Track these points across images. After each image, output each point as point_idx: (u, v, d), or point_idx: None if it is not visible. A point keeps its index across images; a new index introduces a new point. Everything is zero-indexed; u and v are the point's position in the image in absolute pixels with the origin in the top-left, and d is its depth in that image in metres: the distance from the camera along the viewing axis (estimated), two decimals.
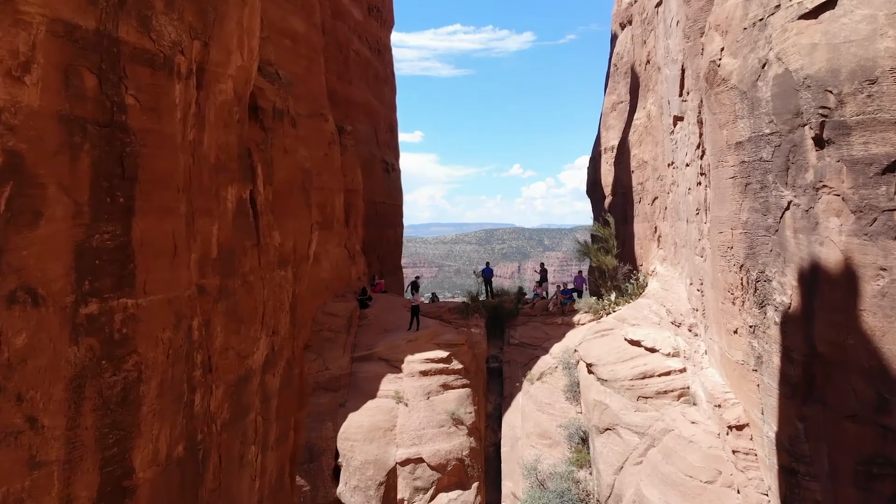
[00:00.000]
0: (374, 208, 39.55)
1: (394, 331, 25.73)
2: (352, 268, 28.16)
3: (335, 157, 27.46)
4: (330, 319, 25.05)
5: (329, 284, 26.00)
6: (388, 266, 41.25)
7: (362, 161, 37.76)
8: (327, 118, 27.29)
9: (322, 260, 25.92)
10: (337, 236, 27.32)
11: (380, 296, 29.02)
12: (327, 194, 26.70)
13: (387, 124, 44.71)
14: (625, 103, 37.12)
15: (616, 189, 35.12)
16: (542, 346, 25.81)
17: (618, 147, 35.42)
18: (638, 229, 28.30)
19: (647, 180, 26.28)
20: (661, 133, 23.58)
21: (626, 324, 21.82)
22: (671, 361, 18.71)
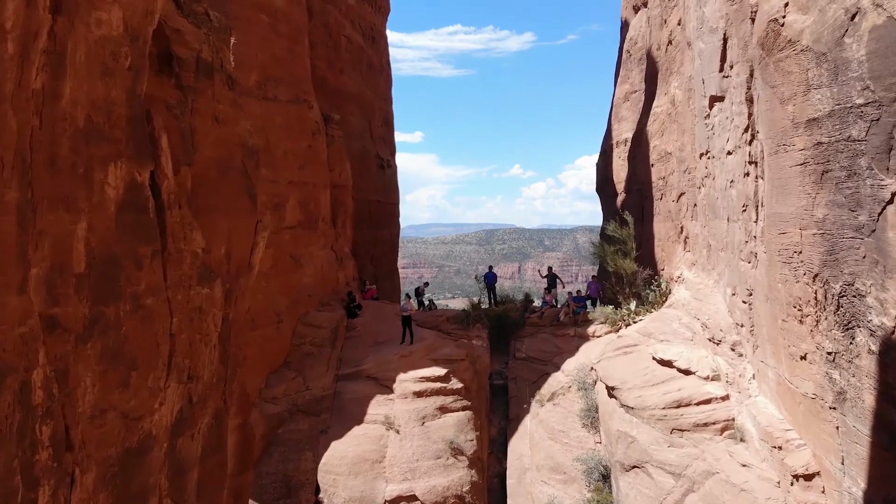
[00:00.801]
0: (368, 207, 36.61)
1: (385, 343, 22.79)
2: (339, 272, 25.25)
3: (320, 148, 24.55)
4: (312, 331, 22.11)
5: (312, 291, 23.08)
6: (382, 270, 38.31)
7: (354, 156, 34.82)
8: (311, 105, 24.39)
9: (304, 264, 23.02)
10: (322, 237, 24.42)
11: (371, 303, 26.08)
12: (311, 190, 23.78)
13: (382, 117, 41.78)
14: (639, 92, 34.17)
15: (630, 185, 32.17)
16: (553, 361, 22.86)
17: (632, 140, 32.47)
18: (659, 229, 25.36)
19: (671, 174, 23.34)
20: (691, 119, 20.64)
21: (653, 339, 18.87)
22: (711, 387, 15.77)
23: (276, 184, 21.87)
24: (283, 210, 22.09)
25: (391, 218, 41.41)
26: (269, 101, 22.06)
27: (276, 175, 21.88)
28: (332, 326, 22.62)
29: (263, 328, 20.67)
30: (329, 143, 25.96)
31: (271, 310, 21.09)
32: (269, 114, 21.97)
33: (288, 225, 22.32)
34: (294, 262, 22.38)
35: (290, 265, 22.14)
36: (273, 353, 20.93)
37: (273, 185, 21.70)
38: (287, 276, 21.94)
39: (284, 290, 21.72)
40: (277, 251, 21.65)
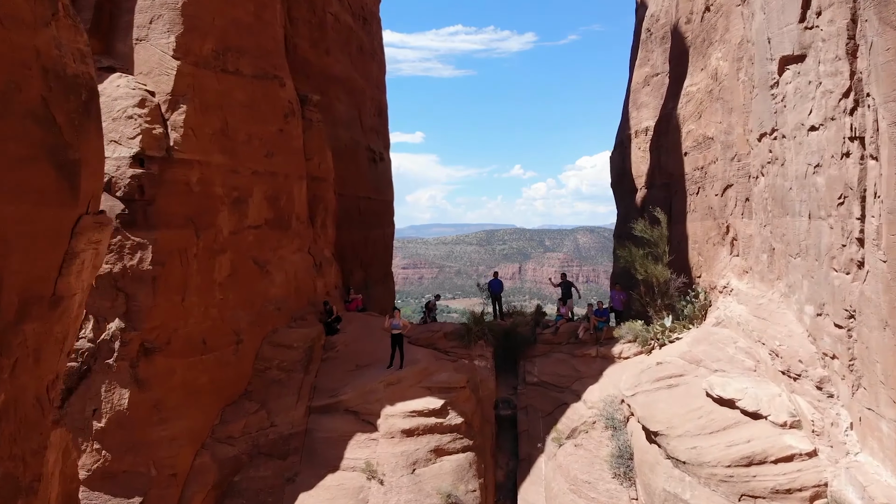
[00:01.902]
0: (357, 204, 32.77)
1: (370, 367, 18.93)
2: (317, 280, 21.40)
3: (294, 133, 20.70)
4: (280, 353, 18.25)
5: (282, 304, 19.23)
6: (374, 274, 34.45)
7: (341, 146, 30.98)
8: (283, 82, 20.53)
9: (272, 271, 19.16)
10: (296, 238, 20.57)
11: (355, 316, 22.24)
12: (282, 182, 19.93)
13: (374, 106, 37.91)
14: (661, 75, 30.32)
15: (653, 179, 28.30)
16: (571, 388, 18.99)
17: (654, 128, 28.61)
18: (694, 229, 21.50)
19: (713, 163, 19.49)
20: (743, 94, 16.80)
21: (703, 368, 15.02)
22: (791, 438, 11.92)
23: (236, 174, 18.03)
24: (245, 206, 18.25)
25: (384, 217, 37.53)
26: (229, 75, 18.22)
27: (236, 163, 18.04)
28: (305, 346, 18.76)
29: (217, 350, 16.85)
30: (306, 127, 22.12)
31: (228, 328, 17.25)
32: (229, 89, 18.13)
33: (251, 224, 18.47)
34: (259, 269, 18.53)
35: (253, 273, 18.29)
36: (230, 382, 17.09)
37: (232, 175, 17.87)
38: (249, 286, 18.10)
39: (245, 303, 17.87)
40: (237, 256, 17.81)
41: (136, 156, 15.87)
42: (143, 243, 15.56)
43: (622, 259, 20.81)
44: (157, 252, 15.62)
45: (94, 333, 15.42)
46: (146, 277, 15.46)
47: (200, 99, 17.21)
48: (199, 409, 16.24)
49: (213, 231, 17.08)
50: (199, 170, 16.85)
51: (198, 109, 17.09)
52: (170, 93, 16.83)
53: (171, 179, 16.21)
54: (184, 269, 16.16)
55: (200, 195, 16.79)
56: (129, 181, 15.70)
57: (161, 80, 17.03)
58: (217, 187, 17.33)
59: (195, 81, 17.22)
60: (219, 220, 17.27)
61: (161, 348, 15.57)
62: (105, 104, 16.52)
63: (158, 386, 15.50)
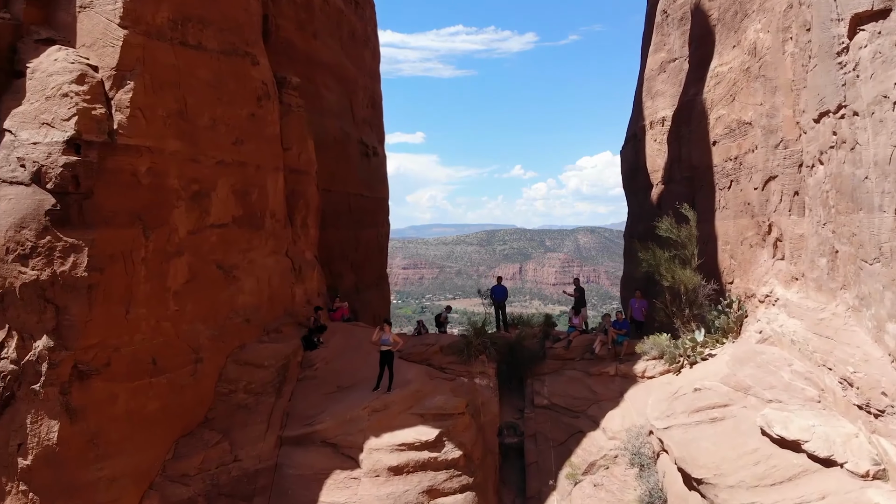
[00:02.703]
0: (347, 202, 30.18)
1: (354, 388, 16.33)
2: (296, 286, 18.79)
3: (268, 119, 18.10)
4: (249, 373, 15.64)
5: (252, 315, 16.63)
6: (366, 278, 31.85)
7: (330, 139, 28.40)
8: (256, 60, 17.92)
9: (241, 277, 16.55)
10: (271, 239, 17.96)
11: (340, 327, 19.61)
12: (253, 174, 17.33)
13: (367, 97, 35.31)
14: (680, 60, 27.72)
15: (672, 173, 25.69)
16: (587, 412, 16.39)
17: (673, 117, 26.01)
18: (725, 229, 18.89)
19: (751, 151, 16.88)
20: (794, 67, 14.20)
21: (752, 396, 12.40)
22: (876, 493, 9.31)
23: (196, 163, 15.43)
24: (207, 201, 15.65)
25: (378, 215, 34.92)
26: (189, 49, 15.60)
27: (197, 151, 15.44)
28: (278, 364, 16.15)
29: (171, 372, 14.24)
30: (284, 113, 19.52)
31: (184, 344, 14.64)
32: (189, 65, 15.53)
33: (215, 222, 15.86)
34: (223, 275, 15.91)
35: (216, 279, 15.69)
36: (186, 408, 14.49)
37: (191, 164, 15.26)
38: (212, 295, 15.50)
39: (207, 315, 15.27)
40: (196, 259, 15.21)
41: (71, 140, 13.23)
42: (77, 245, 12.94)
43: (644, 262, 18.17)
44: (95, 256, 13.01)
45: (17, 353, 12.80)
46: (81, 286, 12.85)
47: (152, 75, 14.61)
48: (147, 443, 13.64)
49: (167, 230, 14.48)
50: (149, 158, 14.24)
51: (148, 87, 14.49)
52: (115, 67, 14.21)
53: (114, 169, 13.60)
54: (129, 276, 13.56)
55: (150, 188, 14.18)
56: (62, 171, 13.06)
57: (106, 52, 14.42)
58: (172, 179, 14.73)
59: (146, 54, 14.61)
60: (174, 217, 14.67)
61: (99, 371, 12.95)
62: (39, 81, 13.99)
63: (95, 416, 12.89)
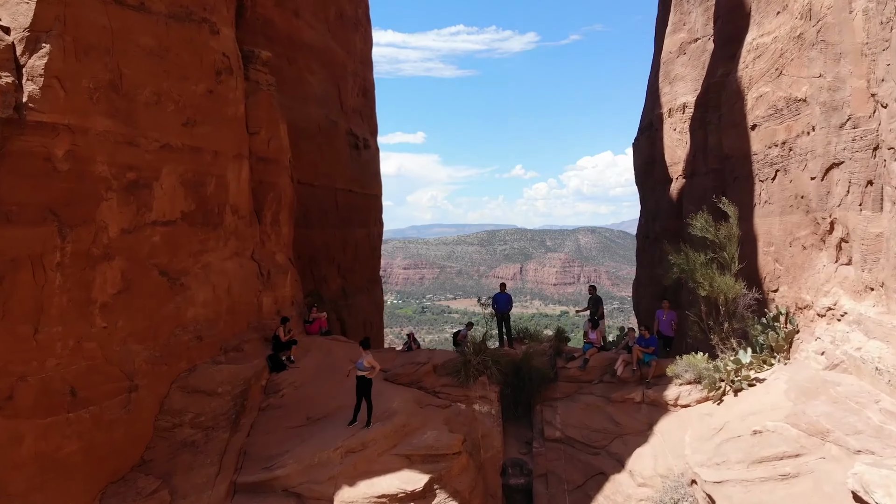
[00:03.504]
0: (334, 198, 27.40)
1: (328, 420, 13.52)
2: (263, 294, 15.99)
3: (230, 97, 15.30)
4: (198, 402, 12.83)
5: (206, 331, 13.82)
6: (356, 282, 29.03)
7: (314, 127, 25.62)
8: (217, 29, 15.10)
9: (192, 285, 13.73)
10: (232, 239, 15.16)
11: (315, 342, 16.77)
12: (209, 162, 14.51)
13: (358, 85, 32.51)
14: (703, 40, 24.92)
15: (696, 165, 22.85)
16: (609, 448, 13.57)
17: (697, 102, 23.17)
18: (768, 227, 16.08)
19: (805, 134, 14.06)
20: (869, 27, 11.38)
21: (831, 442, 9.57)
22: None
23: (134, 147, 12.62)
24: (148, 193, 12.84)
25: (369, 213, 32.10)
26: (128, 9, 12.79)
27: (134, 131, 12.63)
28: (235, 391, 13.35)
29: (96, 404, 11.45)
30: (251, 91, 16.72)
31: (114, 369, 11.84)
32: (126, 29, 12.72)
33: (158, 219, 13.05)
34: (168, 283, 13.10)
35: (158, 288, 12.87)
36: (115, 448, 11.69)
37: (126, 148, 12.45)
38: (152, 308, 12.68)
39: (145, 333, 12.45)
40: (132, 264, 12.40)
41: None
42: None
43: (675, 267, 15.30)
44: None
45: None
46: None
47: (76, 38, 11.80)
48: (64, 494, 10.85)
49: (92, 229, 11.68)
50: (70, 139, 11.44)
51: (70, 52, 11.69)
52: (28, 27, 11.44)
53: (21, 151, 10.81)
54: (39, 286, 10.77)
55: (70, 176, 11.39)
56: None
57: (19, 10, 11.62)
58: (100, 165, 11.92)
59: (69, 13, 11.80)
60: (101, 212, 11.87)
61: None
62: None
63: None
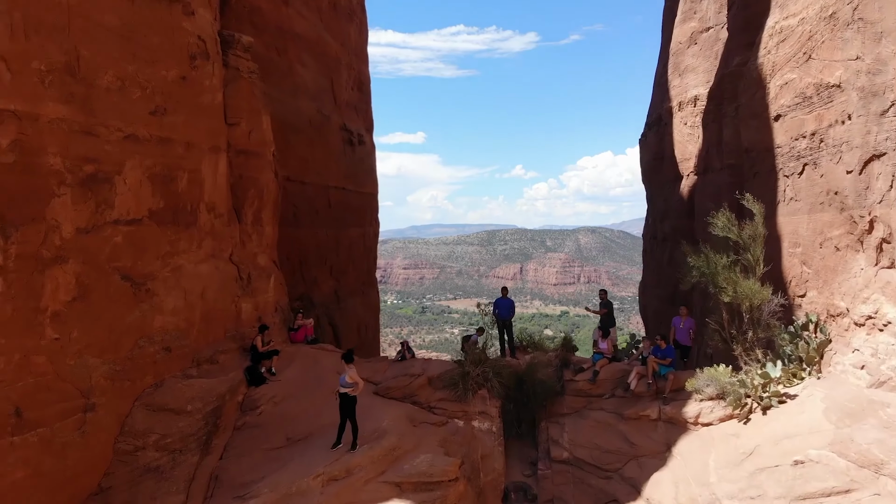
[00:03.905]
0: (327, 196, 26.07)
1: (310, 441, 12.16)
2: (243, 300, 14.65)
3: (205, 84, 13.96)
4: (164, 422, 11.48)
5: (175, 341, 12.48)
6: (349, 284, 27.72)
7: (305, 122, 24.30)
8: (191, 9, 13.76)
9: (160, 291, 12.38)
10: (208, 240, 13.83)
11: (300, 352, 15.42)
12: (181, 154, 13.17)
13: (353, 78, 31.18)
14: (716, 28, 23.58)
15: (710, 161, 21.50)
16: (623, 472, 12.23)
17: (710, 94, 21.83)
18: (795, 227, 14.73)
19: (840, 123, 12.71)
20: None
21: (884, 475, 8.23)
22: None
23: (92, 137, 11.28)
24: (109, 188, 11.51)
25: (364, 212, 30.77)
26: None
27: (93, 120, 11.29)
28: (207, 408, 12.01)
29: (46, 425, 10.15)
30: (230, 79, 15.38)
31: (68, 386, 10.50)
32: (86, 6, 11.39)
33: (121, 217, 11.71)
34: (132, 289, 11.75)
35: (120, 294, 11.52)
36: (69, 475, 10.37)
37: (83, 138, 11.11)
38: (113, 316, 11.34)
39: (104, 345, 11.11)
40: (90, 268, 11.06)
41: None
42: None
43: (695, 270, 13.91)
44: None
45: None
46: None
47: (25, 14, 10.49)
48: None
49: (41, 228, 10.35)
50: (16, 126, 10.12)
51: (19, 30, 10.36)
52: None
53: None
54: None
55: (16, 168, 10.06)
56: None
57: None
58: (51, 157, 10.59)
59: None
60: (53, 209, 10.54)
61: None
62: None
63: None
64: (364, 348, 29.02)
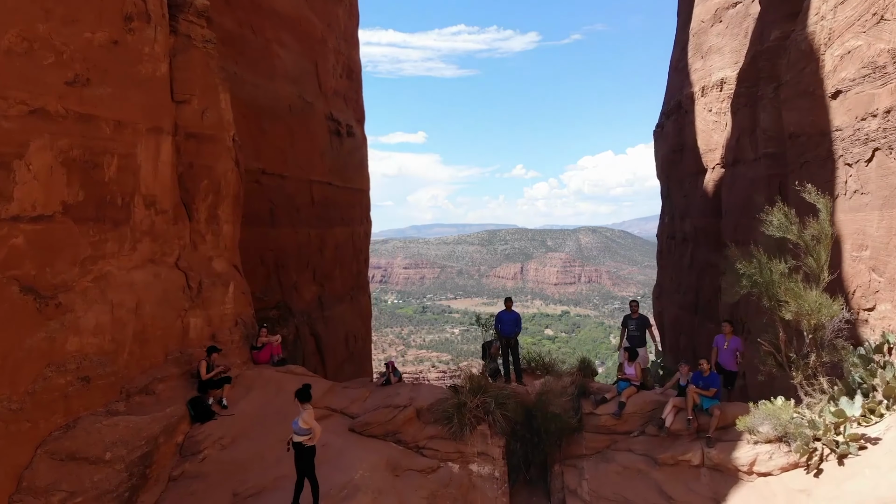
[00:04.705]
0: (309, 192, 23.55)
1: (263, 496, 9.63)
2: (191, 314, 12.08)
3: (146, 51, 11.44)
4: (74, 475, 8.94)
5: (96, 368, 9.94)
6: (335, 289, 25.17)
7: (283, 107, 21.77)
8: None
9: (76, 305, 9.80)
10: (146, 241, 11.31)
11: (261, 377, 12.82)
12: (109, 135, 10.60)
13: (341, 64, 28.64)
14: (744, 3, 21.01)
15: (741, 150, 18.94)
16: None
17: (741, 76, 19.28)
18: (862, 225, 12.20)
19: None
20: None
21: None
22: None
23: None
24: (6, 176, 8.97)
25: (353, 210, 28.22)
26: None
27: None
28: (131, 457, 9.46)
29: None
30: (181, 48, 12.82)
31: None
32: None
33: (23, 213, 9.16)
34: (36, 304, 9.21)
35: (19, 311, 8.97)
36: None
37: None
38: (8, 339, 8.80)
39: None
40: None
41: None
42: None
43: (745, 280, 11.28)
44: None
45: None
46: None
47: None
48: None
49: None
50: None
51: None
52: None
53: None
54: None
55: None
56: None
57: None
58: None
59: None
60: None
61: None
62: None
63: None
64: (353, 360, 26.51)
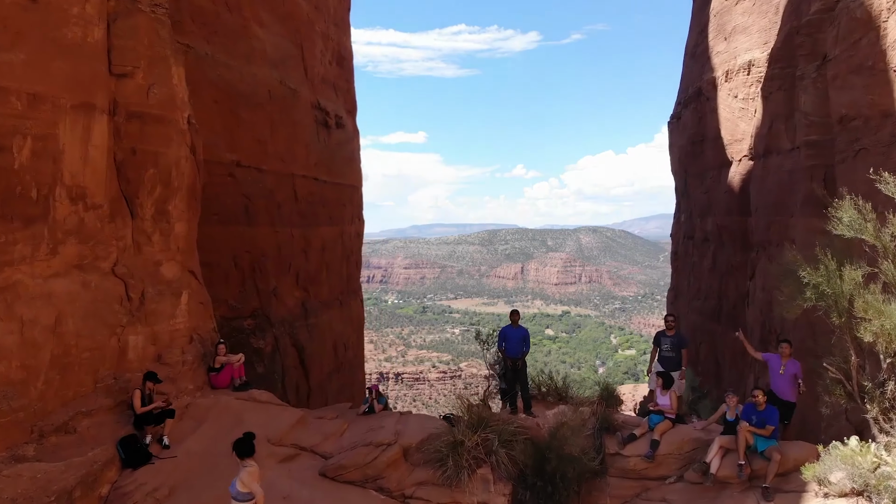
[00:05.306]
0: (292, 187, 21.39)
1: None
2: (130, 330, 9.95)
3: (73, 12, 9.26)
4: None
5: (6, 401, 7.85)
6: (321, 294, 23.00)
7: (263, 95, 19.59)
8: None
9: None
10: (72, 243, 9.21)
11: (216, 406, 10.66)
12: (21, 112, 8.47)
13: (331, 50, 26.50)
14: None
15: (775, 139, 16.78)
16: None
17: (773, 57, 17.14)
18: None
19: None
20: None
21: None
22: None
23: None
24: None
25: (342, 207, 26.04)
26: None
27: None
28: None
29: None
30: (122, 12, 10.66)
31: None
32: None
33: None
34: None
35: None
36: None
37: None
38: None
39: None
40: None
41: None
42: None
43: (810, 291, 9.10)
44: None
45: None
46: None
47: None
48: None
49: None
50: None
51: None
52: None
53: None
54: None
55: None
56: None
57: None
58: None
59: None
60: None
61: None
62: None
63: None
64: (342, 370, 24.39)
